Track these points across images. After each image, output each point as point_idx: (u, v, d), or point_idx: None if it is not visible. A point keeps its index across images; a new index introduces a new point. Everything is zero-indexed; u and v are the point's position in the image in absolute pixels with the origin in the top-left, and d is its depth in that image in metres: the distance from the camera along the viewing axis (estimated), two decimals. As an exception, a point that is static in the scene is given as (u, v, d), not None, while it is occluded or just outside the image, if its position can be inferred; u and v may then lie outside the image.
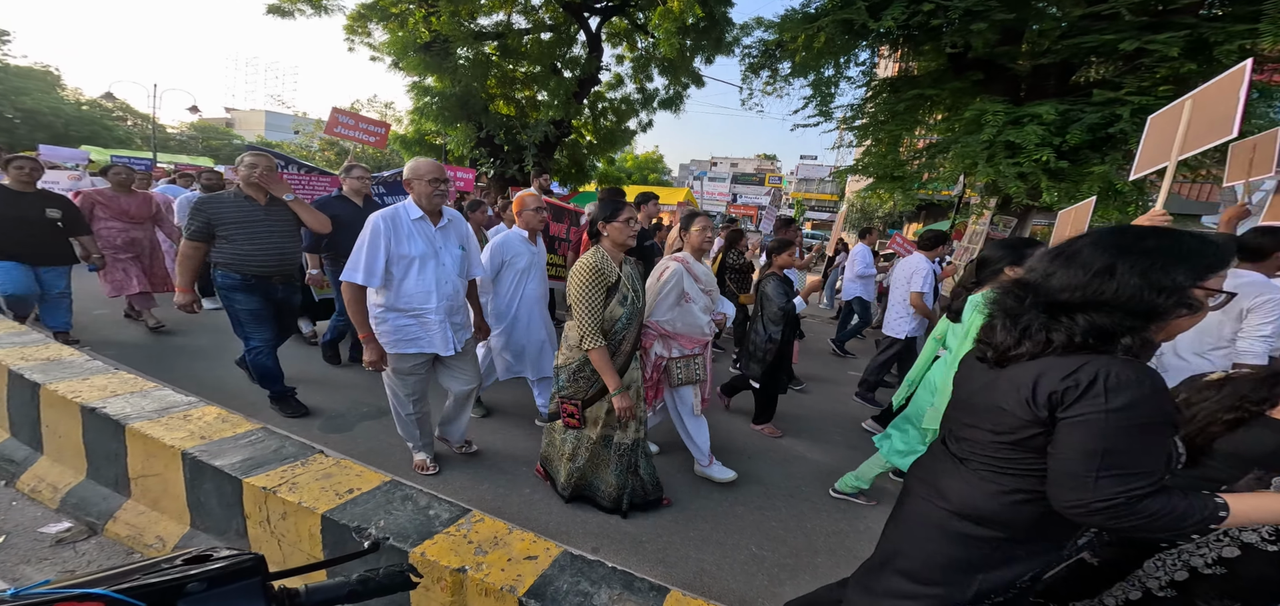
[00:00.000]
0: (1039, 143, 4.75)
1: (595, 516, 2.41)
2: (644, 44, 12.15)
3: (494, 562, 1.35)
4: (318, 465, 1.72)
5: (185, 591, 0.59)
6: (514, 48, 11.50)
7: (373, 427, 3.08)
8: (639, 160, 34.97)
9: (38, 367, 2.22)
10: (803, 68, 6.71)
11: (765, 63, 7.46)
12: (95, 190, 4.20)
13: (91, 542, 1.91)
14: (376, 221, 2.12)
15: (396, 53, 10.40)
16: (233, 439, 1.83)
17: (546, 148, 11.84)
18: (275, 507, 1.59)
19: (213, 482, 1.72)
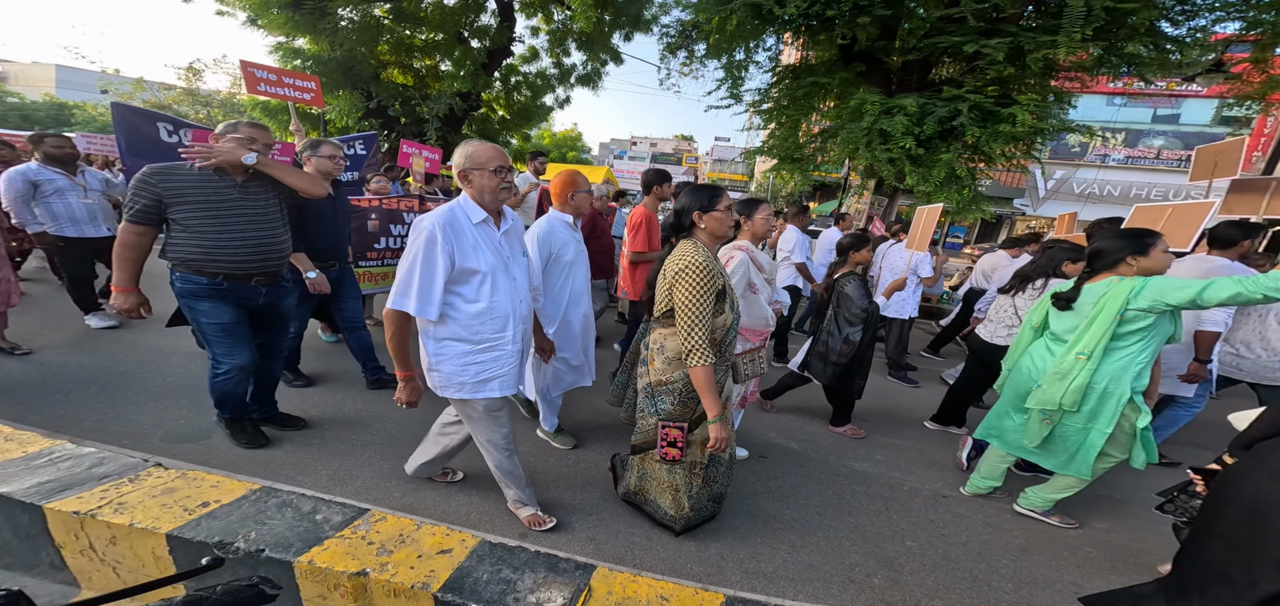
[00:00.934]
0: (904, 132, 5.37)
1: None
2: (561, 16, 11.64)
3: (401, 561, 1.19)
4: (154, 479, 1.39)
5: None
6: (411, 11, 10.33)
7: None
8: (557, 137, 33.97)
9: None
10: (716, 50, 6.88)
11: (682, 43, 7.53)
12: None
13: None
14: (432, 228, 1.62)
15: (253, 8, 8.82)
16: (23, 460, 1.42)
17: (452, 121, 10.93)
18: (98, 533, 1.25)
19: (2, 513, 1.31)
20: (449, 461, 2.21)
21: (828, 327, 3.17)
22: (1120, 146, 17.18)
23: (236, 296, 2.24)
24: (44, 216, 3.66)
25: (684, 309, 1.69)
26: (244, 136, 2.11)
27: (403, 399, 1.71)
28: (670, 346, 1.82)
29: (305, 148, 2.82)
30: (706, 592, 1.23)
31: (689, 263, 1.70)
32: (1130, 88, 7.21)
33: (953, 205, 6.03)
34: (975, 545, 2.18)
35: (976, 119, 5.24)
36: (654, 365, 1.88)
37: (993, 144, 5.41)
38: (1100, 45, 5.18)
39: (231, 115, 23.04)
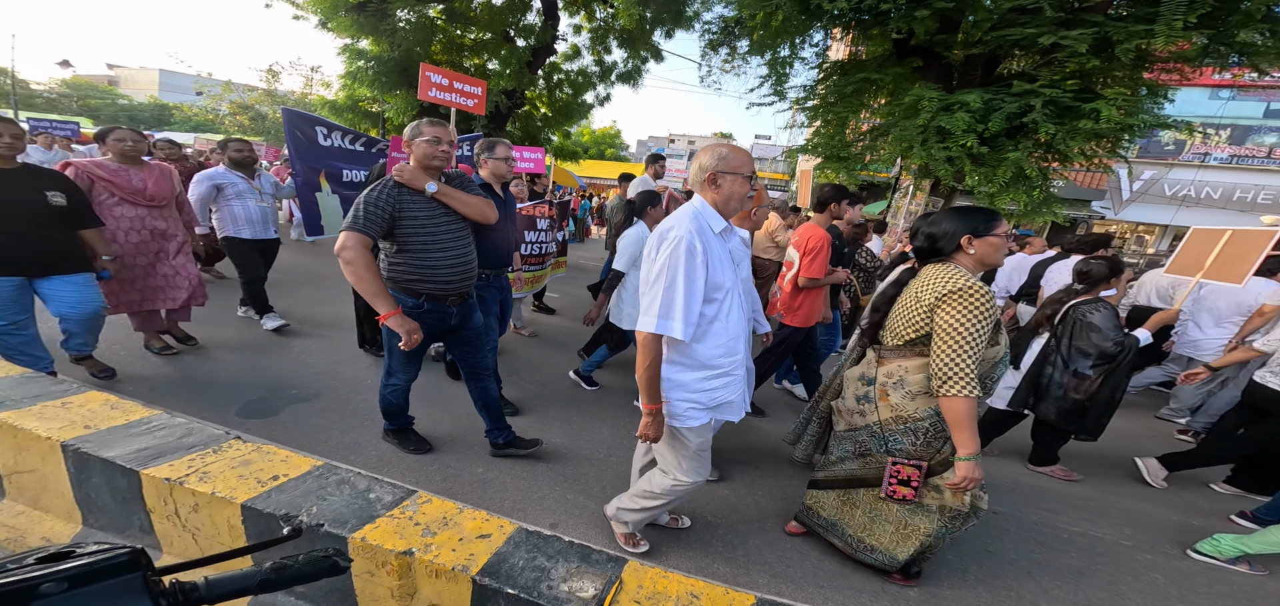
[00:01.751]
0: (965, 129, 5.07)
1: (558, 495, 2.35)
2: (603, 14, 11.79)
3: (443, 543, 1.26)
4: (234, 452, 1.54)
5: (39, 593, 0.49)
6: (462, 12, 10.78)
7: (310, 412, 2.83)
8: (596, 135, 34.45)
9: None
10: (760, 46, 6.76)
11: (724, 39, 7.46)
12: (92, 161, 3.04)
13: None
14: (690, 238, 1.45)
15: (323, 12, 9.47)
16: (125, 427, 1.60)
17: (497, 119, 11.32)
18: (184, 500, 1.40)
19: (103, 476, 1.50)
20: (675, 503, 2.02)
21: (1050, 360, 2.84)
22: (1224, 144, 15.06)
23: (433, 318, 2.18)
24: (223, 219, 3.80)
25: (955, 331, 1.53)
26: (429, 137, 2.05)
27: (650, 436, 1.60)
28: (913, 379, 1.67)
29: (481, 150, 2.74)
30: (736, 593, 1.24)
31: (967, 284, 1.54)
32: (1240, 80, 6.49)
33: (1020, 207, 5.67)
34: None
35: (1052, 115, 4.87)
36: (887, 400, 1.73)
37: (1070, 141, 5.00)
38: (1206, 33, 4.61)
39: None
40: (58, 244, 2.60)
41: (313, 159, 3.93)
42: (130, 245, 3.08)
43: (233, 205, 3.77)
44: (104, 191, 2.98)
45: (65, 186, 2.63)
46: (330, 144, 3.99)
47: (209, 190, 3.71)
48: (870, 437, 1.84)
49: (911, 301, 1.70)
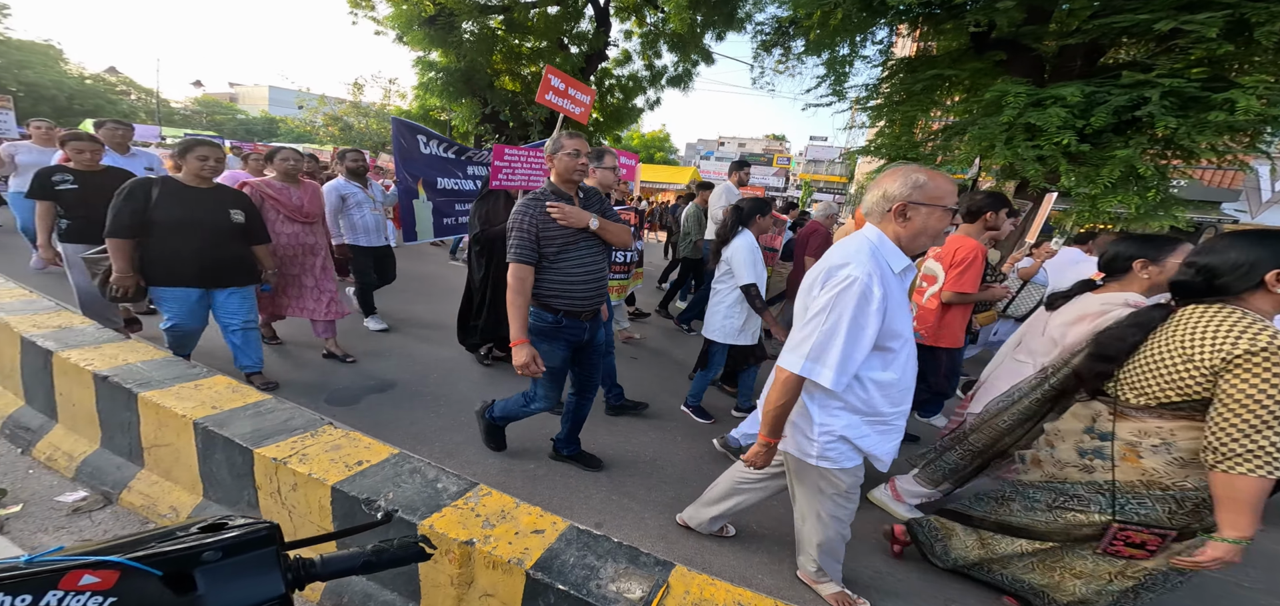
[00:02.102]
0: (1061, 125, 4.63)
1: (598, 491, 2.43)
2: (653, 19, 11.93)
3: (501, 536, 1.35)
4: (326, 436, 1.73)
5: (201, 560, 0.58)
6: (520, 22, 11.32)
7: (377, 401, 3.11)
8: (645, 138, 34.73)
9: (51, 335, 2.24)
10: (817, 46, 6.56)
11: (778, 40, 7.30)
12: (264, 180, 3.32)
13: (107, 512, 1.95)
14: (868, 282, 1.29)
15: (400, 26, 10.27)
16: (242, 409, 1.85)
17: (552, 125, 11.74)
18: (286, 478, 1.60)
19: (224, 453, 1.74)
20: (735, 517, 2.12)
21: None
22: (1399, 137, 12.70)
23: (569, 334, 2.18)
24: (345, 228, 4.06)
25: (1255, 403, 1.25)
26: (570, 151, 2.06)
27: (758, 463, 1.56)
28: (1185, 444, 1.43)
29: (590, 158, 2.63)
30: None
31: (1271, 343, 1.25)
32: None
33: (1131, 210, 5.12)
34: None
35: (1172, 107, 4.34)
36: (1136, 462, 1.51)
37: (1197, 136, 4.43)
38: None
39: (384, 123, 27.00)
40: (235, 258, 2.83)
41: (414, 167, 4.04)
42: (285, 259, 3.31)
43: (352, 214, 3.98)
44: (271, 209, 3.22)
45: (245, 205, 2.86)
46: (429, 152, 4.09)
47: (336, 201, 3.92)
48: (1089, 494, 1.63)
49: (1174, 356, 1.38)
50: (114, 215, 2.48)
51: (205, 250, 2.67)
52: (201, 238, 2.65)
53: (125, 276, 2.52)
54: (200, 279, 2.70)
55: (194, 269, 2.66)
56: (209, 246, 2.68)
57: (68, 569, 0.52)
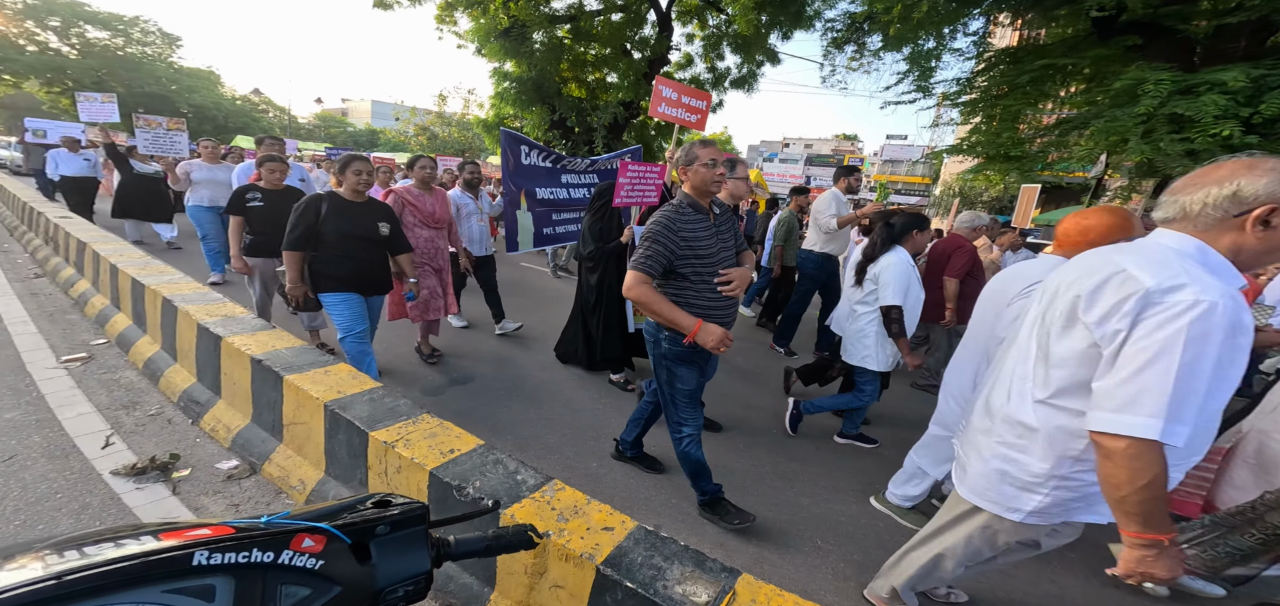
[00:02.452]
0: (1220, 115, 4.00)
1: (659, 493, 2.50)
2: (716, 21, 11.90)
3: (573, 530, 1.45)
4: (425, 425, 1.95)
5: (375, 532, 0.65)
6: (586, 30, 11.83)
7: (459, 393, 3.41)
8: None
9: (219, 323, 2.72)
10: (897, 41, 6.20)
11: (851, 37, 6.99)
12: (405, 189, 3.53)
13: (252, 480, 2.32)
14: (1232, 311, 1.00)
15: (479, 40, 11.12)
16: (359, 395, 2.13)
17: (615, 129, 12.12)
18: (392, 461, 1.83)
19: (345, 434, 2.01)
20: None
21: None
22: None
23: (704, 358, 2.12)
24: (458, 238, 4.15)
25: None
26: (706, 160, 1.98)
27: (1161, 576, 1.11)
28: None
29: (727, 163, 2.45)
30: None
31: None
32: None
33: None
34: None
35: None
36: None
37: None
38: None
39: (465, 132, 29.37)
40: (381, 268, 3.03)
41: (518, 177, 4.09)
42: (417, 264, 3.43)
43: (464, 225, 4.13)
44: (410, 214, 3.44)
45: (389, 216, 3.02)
46: (530, 162, 4.07)
47: (455, 212, 4.04)
48: None
49: None
50: (290, 229, 2.75)
51: (361, 260, 2.89)
52: (359, 249, 2.86)
53: (297, 286, 2.81)
54: (360, 285, 2.93)
55: (353, 278, 2.89)
56: (364, 256, 2.90)
57: (296, 531, 0.58)
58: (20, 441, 2.37)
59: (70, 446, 2.39)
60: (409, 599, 0.65)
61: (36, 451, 2.32)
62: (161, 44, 30.07)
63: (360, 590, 0.60)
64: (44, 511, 1.98)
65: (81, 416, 2.65)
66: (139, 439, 2.52)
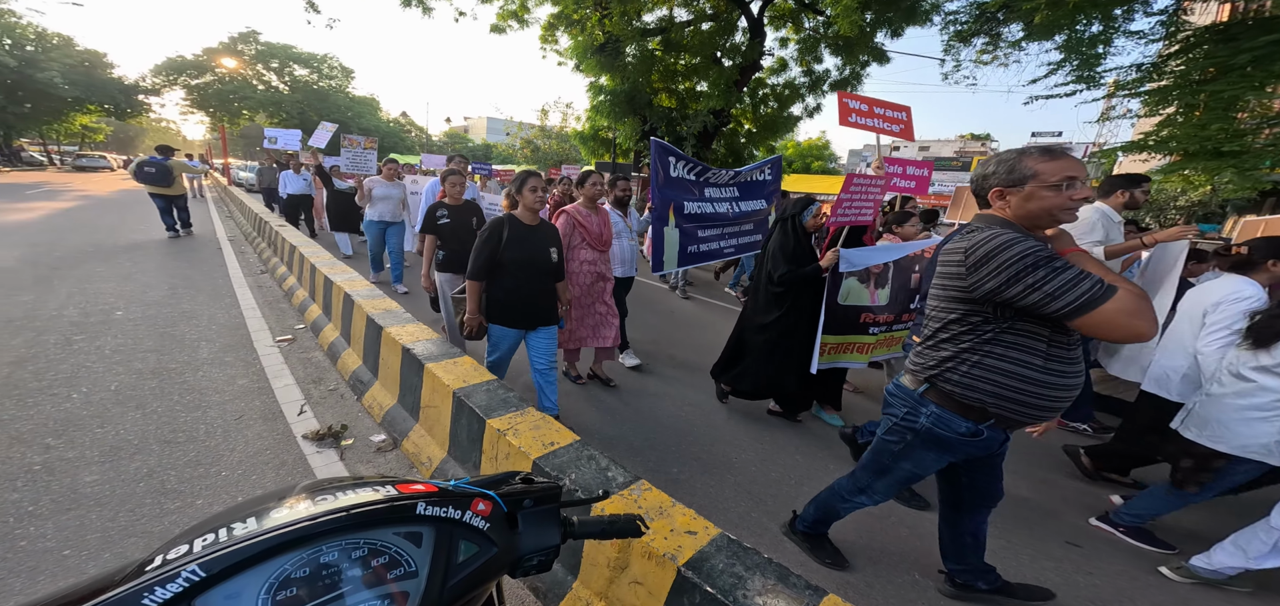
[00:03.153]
0: None
1: (743, 512, 2.44)
2: (812, 24, 11.30)
3: (657, 530, 1.51)
4: (531, 417, 2.16)
5: (523, 505, 0.72)
6: (676, 41, 12.01)
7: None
8: (801, 147, 32.50)
9: (381, 315, 3.30)
10: (1045, 29, 5.33)
11: (979, 28, 6.17)
12: (575, 208, 3.27)
13: (394, 453, 2.74)
14: None
15: (577, 56, 11.90)
16: (480, 385, 2.43)
17: (705, 138, 12.08)
18: (502, 448, 2.06)
19: (466, 419, 2.31)
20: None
21: None
22: None
23: (984, 446, 1.59)
24: None
25: None
26: (1059, 178, 1.38)
27: None
28: None
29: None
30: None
31: None
32: None
33: None
34: None
35: None
36: None
37: None
38: None
39: (563, 145, 31.70)
40: (550, 297, 2.80)
41: (667, 190, 3.71)
42: (582, 288, 3.25)
43: (614, 244, 3.80)
44: (578, 237, 3.19)
45: (558, 241, 2.82)
46: (676, 174, 3.71)
47: None
48: None
49: None
50: (473, 257, 2.63)
51: (533, 289, 2.70)
52: (532, 278, 2.67)
53: (474, 317, 2.70)
54: (526, 320, 2.74)
55: (522, 310, 2.71)
56: (537, 285, 2.71)
57: (474, 495, 0.66)
58: (247, 404, 3.11)
59: (277, 411, 3.07)
60: (538, 568, 0.74)
61: (257, 414, 3.02)
62: (341, 77, 38.13)
63: (508, 554, 0.69)
64: (258, 464, 2.56)
65: (286, 387, 3.39)
66: (321, 409, 3.15)
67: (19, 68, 27.13)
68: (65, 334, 3.90)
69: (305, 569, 0.53)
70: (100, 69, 31.55)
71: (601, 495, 0.89)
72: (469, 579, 0.63)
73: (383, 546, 0.58)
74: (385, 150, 31.49)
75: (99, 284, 5.39)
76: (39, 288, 5.03)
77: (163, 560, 0.50)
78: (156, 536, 1.98)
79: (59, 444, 2.49)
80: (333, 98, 36.66)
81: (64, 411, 2.80)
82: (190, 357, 3.70)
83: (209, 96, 34.30)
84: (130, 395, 3.05)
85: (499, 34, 12.52)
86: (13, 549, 1.85)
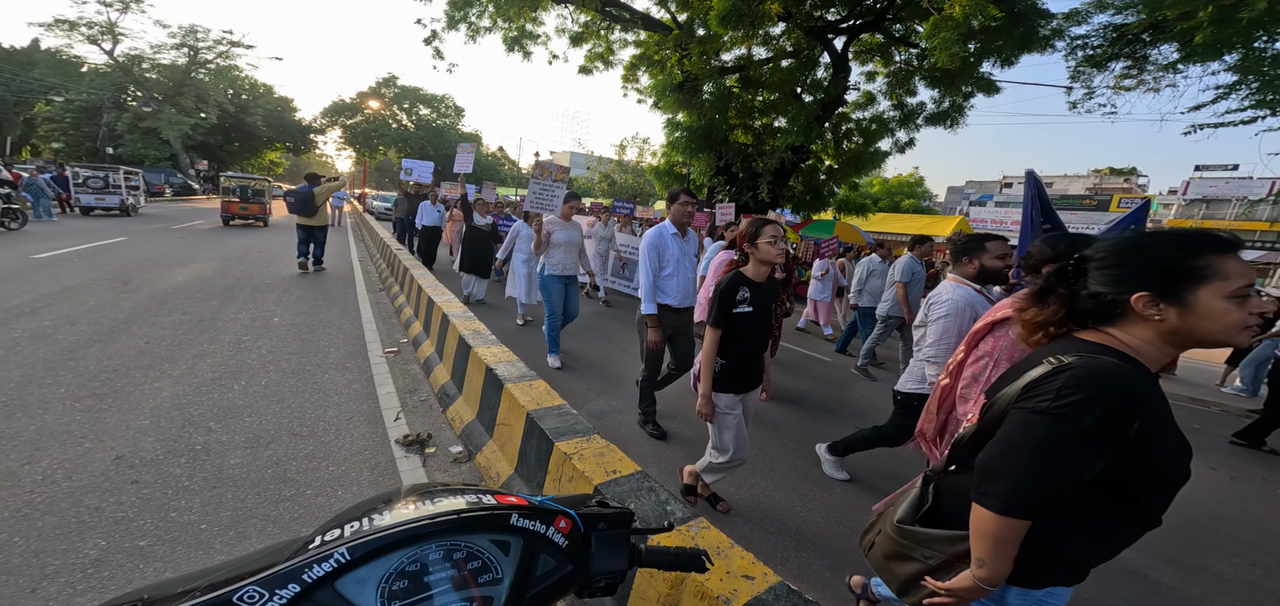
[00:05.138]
0: None
1: (796, 556, 2.26)
2: (903, 57, 10.64)
3: (714, 572, 1.46)
4: (596, 444, 2.21)
5: (598, 527, 0.74)
6: (754, 78, 11.92)
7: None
8: (889, 184, 30.27)
9: (471, 335, 3.60)
10: (1209, 50, 4.58)
11: (1117, 51, 5.45)
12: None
13: (468, 465, 2.92)
14: None
15: (657, 94, 12.30)
16: (551, 409, 2.54)
17: (781, 174, 11.71)
18: (567, 471, 2.12)
19: (536, 440, 2.41)
20: None
21: None
22: None
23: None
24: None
25: None
26: None
27: None
28: None
29: None
30: None
31: None
32: None
33: None
34: None
35: None
36: None
37: None
38: None
39: (639, 179, 32.66)
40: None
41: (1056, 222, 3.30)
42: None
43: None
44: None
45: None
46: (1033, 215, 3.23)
47: None
48: None
49: None
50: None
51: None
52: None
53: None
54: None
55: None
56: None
57: (558, 512, 0.68)
58: (356, 407, 3.52)
59: (378, 415, 3.44)
60: (605, 590, 0.76)
61: (363, 416, 3.41)
62: (454, 115, 43.36)
63: (581, 573, 0.72)
64: (357, 463, 2.85)
65: (387, 394, 3.79)
66: (413, 417, 3.47)
67: (236, 114, 34.80)
68: (237, 335, 4.71)
69: (415, 564, 0.59)
70: (288, 112, 39.85)
71: (666, 526, 0.89)
72: (545, 592, 0.67)
73: (478, 551, 0.63)
74: (478, 180, 34.96)
75: (265, 293, 6.51)
76: (224, 296, 6.19)
77: (321, 541, 0.58)
78: (272, 520, 2.28)
79: (218, 428, 2.99)
80: (446, 134, 41.85)
81: (227, 400, 3.37)
82: (322, 360, 4.30)
83: (357, 135, 41.05)
84: (275, 390, 3.60)
85: (586, 75, 13.44)
86: (165, 518, 2.20)
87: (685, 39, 10.98)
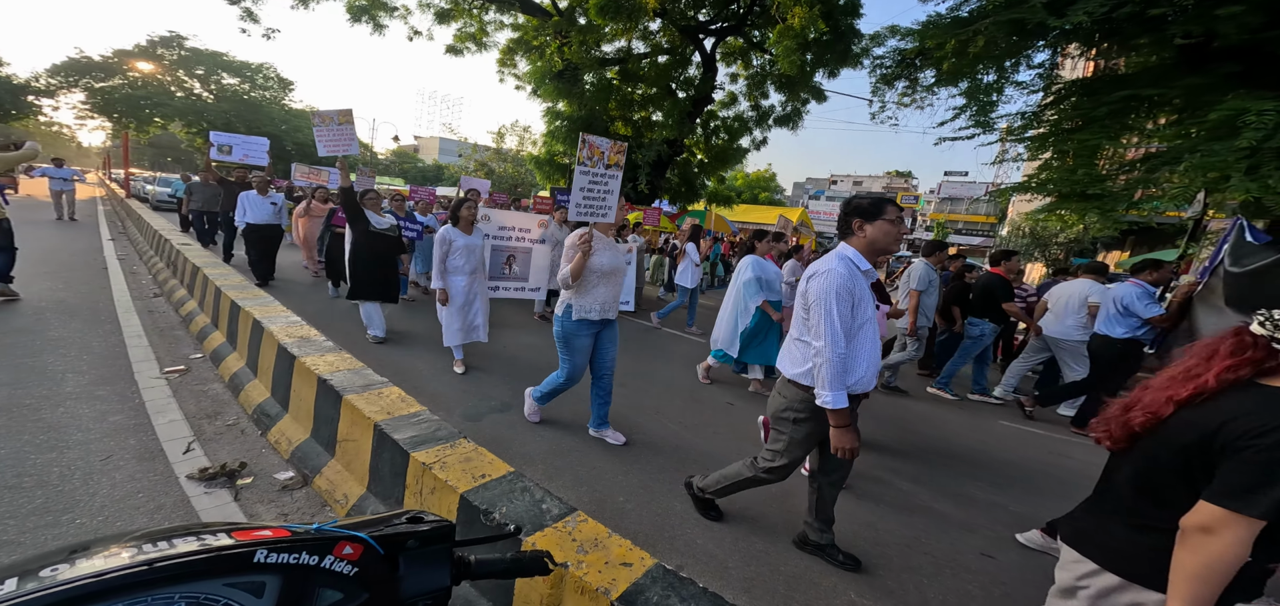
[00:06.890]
0: None
1: (682, 532, 2.42)
2: (759, 61, 12.11)
3: (592, 563, 1.45)
4: (462, 449, 2.03)
5: (405, 546, 0.70)
6: (633, 71, 12.36)
7: (499, 420, 3.51)
8: (749, 178, 34.43)
9: (295, 343, 3.00)
10: (952, 76, 5.98)
11: (901, 73, 6.84)
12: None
13: (303, 492, 2.48)
14: None
15: (535, 81, 11.92)
16: (407, 417, 2.26)
17: (659, 167, 12.40)
18: (428, 482, 1.91)
19: (389, 453, 2.13)
20: None
21: None
22: None
23: None
24: None
25: None
26: None
27: None
28: None
29: None
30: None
31: None
32: None
33: None
34: None
35: None
36: None
37: None
38: None
39: (519, 168, 31.32)
40: None
41: None
42: None
43: None
44: None
45: None
46: None
47: None
48: None
49: None
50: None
51: None
52: None
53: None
54: None
55: None
56: None
57: (339, 538, 0.64)
58: (118, 443, 2.69)
59: (158, 449, 2.68)
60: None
61: (130, 453, 2.62)
62: (278, 88, 34.94)
63: (386, 598, 0.65)
64: (125, 509, 2.21)
65: (171, 423, 2.97)
66: (215, 446, 2.79)
67: None
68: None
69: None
70: (-30, 61, 27.28)
71: (513, 531, 0.86)
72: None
73: (210, 598, 0.53)
74: (324, 165, 29.89)
75: (-63, 307, 4.53)
76: None
77: None
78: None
79: None
80: (266, 109, 33.10)
81: None
82: (52, 390, 3.17)
83: (115, 101, 30.16)
84: (-36, 437, 2.55)
85: (455, 55, 12.24)
86: None
87: (566, 26, 10.65)
